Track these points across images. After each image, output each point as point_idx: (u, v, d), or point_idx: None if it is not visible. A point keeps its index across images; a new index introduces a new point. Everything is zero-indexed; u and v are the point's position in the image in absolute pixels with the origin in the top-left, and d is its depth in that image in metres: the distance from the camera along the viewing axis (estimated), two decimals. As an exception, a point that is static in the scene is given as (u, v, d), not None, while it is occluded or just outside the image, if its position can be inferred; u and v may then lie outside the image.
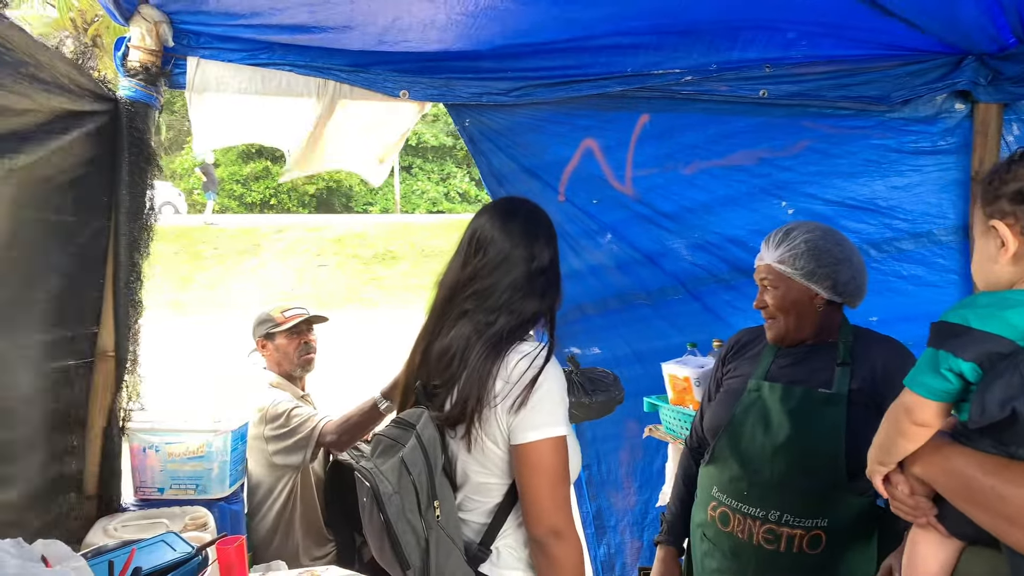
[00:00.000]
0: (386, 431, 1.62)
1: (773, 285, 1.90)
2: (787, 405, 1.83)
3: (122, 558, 1.75)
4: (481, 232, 1.63)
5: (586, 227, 2.82)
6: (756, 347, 2.03)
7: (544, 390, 1.52)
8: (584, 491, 3.31)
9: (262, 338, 2.88)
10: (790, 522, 1.78)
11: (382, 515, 1.46)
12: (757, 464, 1.84)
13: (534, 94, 2.53)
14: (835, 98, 2.63)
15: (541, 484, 1.50)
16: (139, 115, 2.25)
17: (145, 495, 2.42)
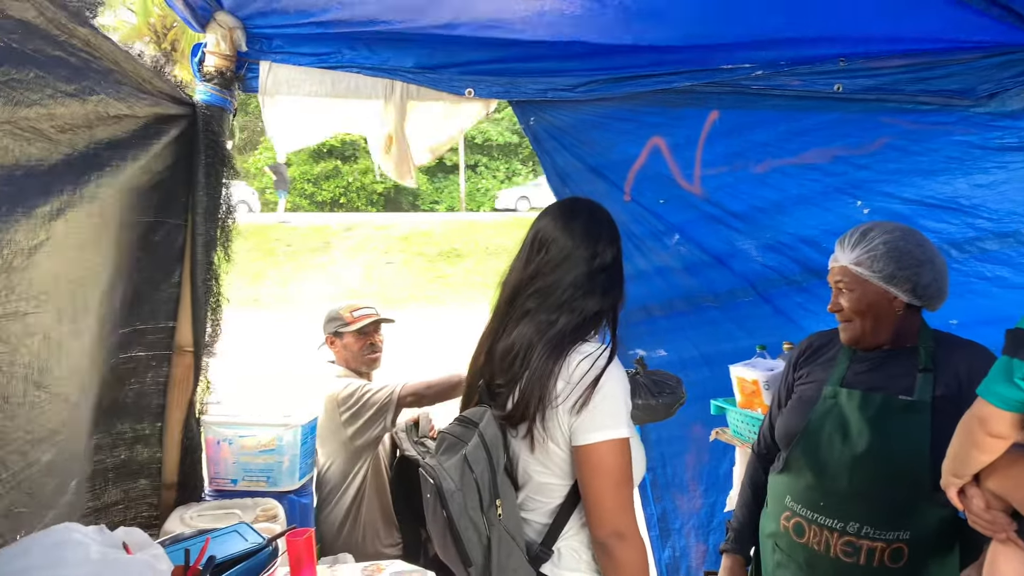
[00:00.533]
0: (450, 429, 1.63)
1: (849, 288, 1.83)
2: (866, 413, 1.77)
3: (197, 546, 1.81)
4: (544, 232, 1.64)
5: (653, 228, 2.78)
6: (829, 352, 1.96)
7: (606, 391, 1.51)
8: (649, 493, 3.28)
9: (331, 335, 2.96)
10: (870, 534, 1.71)
11: (445, 512, 1.47)
12: (835, 473, 1.77)
13: (600, 90, 2.50)
14: (915, 92, 2.52)
15: (604, 486, 1.50)
16: (215, 118, 2.33)
17: (219, 486, 2.50)
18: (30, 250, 1.48)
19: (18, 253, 1.44)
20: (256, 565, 1.90)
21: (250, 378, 7.87)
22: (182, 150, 2.27)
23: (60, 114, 1.55)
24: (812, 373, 1.96)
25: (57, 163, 1.59)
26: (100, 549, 1.15)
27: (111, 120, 1.81)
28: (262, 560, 1.92)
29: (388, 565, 2.14)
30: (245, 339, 10.01)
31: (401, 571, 2.10)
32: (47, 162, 1.55)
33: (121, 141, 1.89)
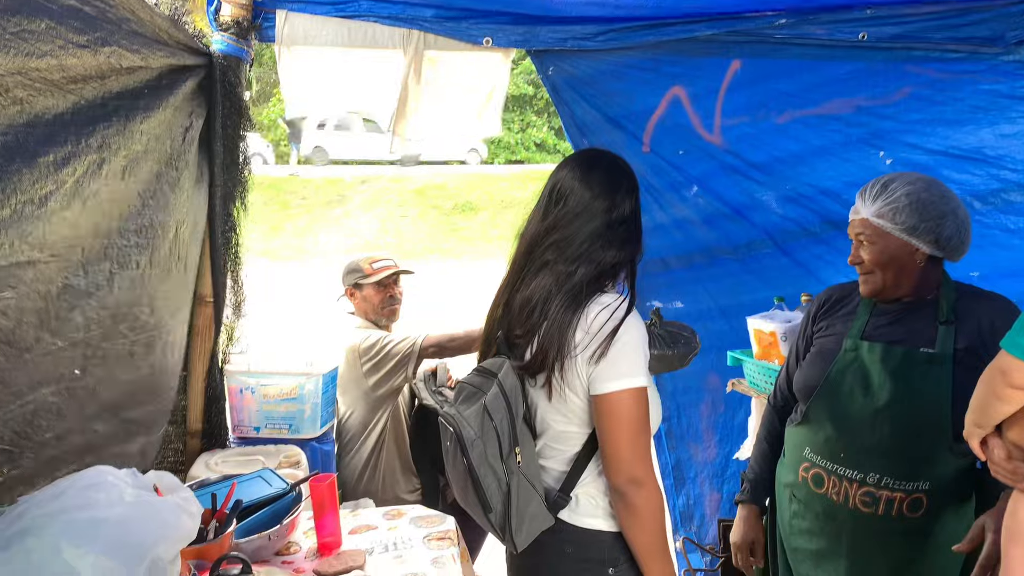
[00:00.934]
0: (468, 379, 1.65)
1: (870, 240, 1.80)
2: (888, 365, 1.76)
3: (224, 491, 1.87)
4: (562, 183, 1.63)
5: (671, 179, 2.76)
6: (849, 304, 1.95)
7: (624, 341, 1.52)
8: (664, 443, 3.31)
9: (351, 287, 2.98)
10: (890, 485, 1.73)
11: (465, 459, 1.50)
12: (856, 426, 1.78)
13: (620, 39, 2.46)
14: (942, 40, 2.46)
15: (621, 434, 1.51)
16: (231, 69, 2.31)
17: (242, 433, 2.56)
18: (40, 200, 1.51)
19: (27, 203, 1.47)
20: (281, 509, 1.96)
21: (270, 328, 7.96)
22: (200, 101, 2.27)
23: (71, 65, 1.55)
24: (832, 326, 1.95)
25: (65, 112, 1.60)
26: (133, 491, 1.19)
27: (124, 72, 1.81)
28: (286, 504, 1.98)
29: (409, 510, 2.20)
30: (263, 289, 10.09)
31: (421, 515, 2.15)
32: (53, 111, 1.56)
33: (134, 92, 1.89)
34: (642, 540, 1.55)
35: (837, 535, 1.82)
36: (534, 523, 1.56)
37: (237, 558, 1.56)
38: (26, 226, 1.49)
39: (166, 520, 1.17)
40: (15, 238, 1.46)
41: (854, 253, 1.85)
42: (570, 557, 1.61)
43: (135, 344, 2.07)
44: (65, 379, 1.83)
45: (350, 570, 1.79)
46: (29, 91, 1.45)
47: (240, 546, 1.74)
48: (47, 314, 1.68)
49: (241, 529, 1.82)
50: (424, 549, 1.95)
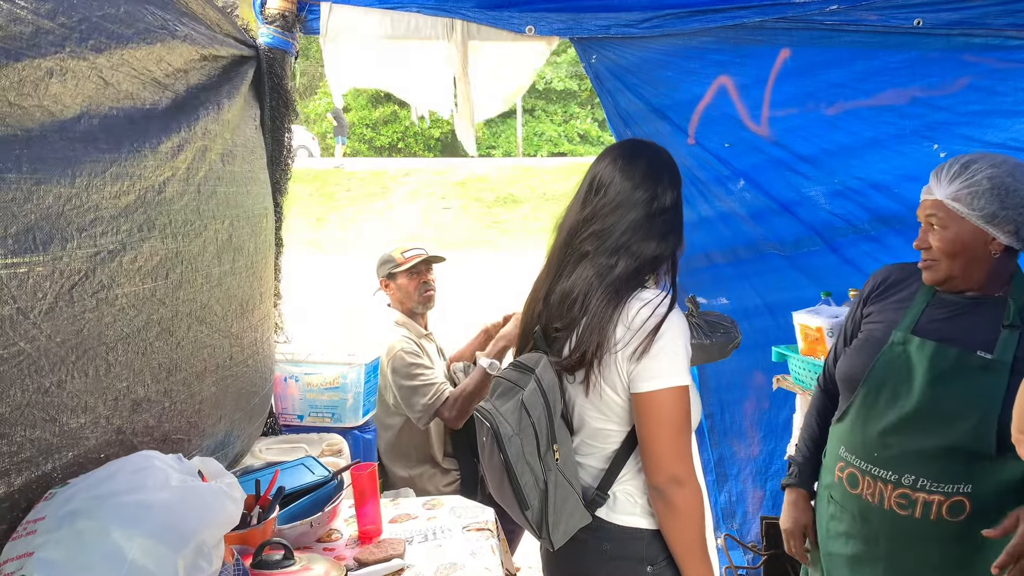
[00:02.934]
0: (505, 374, 1.64)
1: (942, 224, 1.64)
2: (937, 367, 1.64)
3: (267, 477, 1.89)
4: (602, 174, 1.60)
5: (717, 172, 2.71)
6: (905, 290, 1.81)
7: (667, 339, 1.49)
8: (706, 439, 3.27)
9: (385, 278, 3.02)
10: (927, 487, 1.63)
11: (502, 455, 1.49)
12: (893, 426, 1.68)
13: (665, 25, 2.41)
14: (1002, 26, 2.35)
15: (662, 433, 1.49)
16: (277, 61, 2.34)
17: (286, 421, 2.59)
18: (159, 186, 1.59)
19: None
20: (322, 496, 1.98)
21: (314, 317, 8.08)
22: (254, 93, 2.31)
23: (160, 54, 1.60)
24: (883, 312, 1.82)
25: (172, 100, 1.67)
26: (179, 476, 1.21)
27: (203, 60, 1.86)
28: (328, 492, 2.00)
29: (448, 500, 2.20)
30: (308, 280, 10.24)
31: (461, 506, 2.15)
32: (160, 105, 1.62)
33: (217, 80, 1.95)
34: (682, 539, 1.53)
35: (873, 538, 1.73)
36: (571, 521, 1.54)
37: (279, 544, 1.58)
38: (151, 212, 1.56)
39: (210, 505, 1.19)
40: (143, 223, 1.53)
41: (922, 237, 1.71)
42: (608, 554, 1.59)
43: (256, 330, 2.17)
44: (221, 368, 1.93)
45: (390, 558, 1.80)
46: (135, 82, 1.51)
47: (283, 532, 1.76)
48: (195, 303, 1.78)
49: (284, 516, 1.84)
50: (463, 539, 1.95)
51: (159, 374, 1.64)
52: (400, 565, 1.78)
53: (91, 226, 1.35)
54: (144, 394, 1.58)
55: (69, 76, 1.28)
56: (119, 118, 1.44)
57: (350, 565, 1.78)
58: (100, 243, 1.38)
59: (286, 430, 2.57)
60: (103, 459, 1.40)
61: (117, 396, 1.48)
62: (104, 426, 1.43)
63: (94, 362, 1.39)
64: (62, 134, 1.27)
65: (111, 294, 1.42)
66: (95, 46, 1.35)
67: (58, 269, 1.26)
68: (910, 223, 2.69)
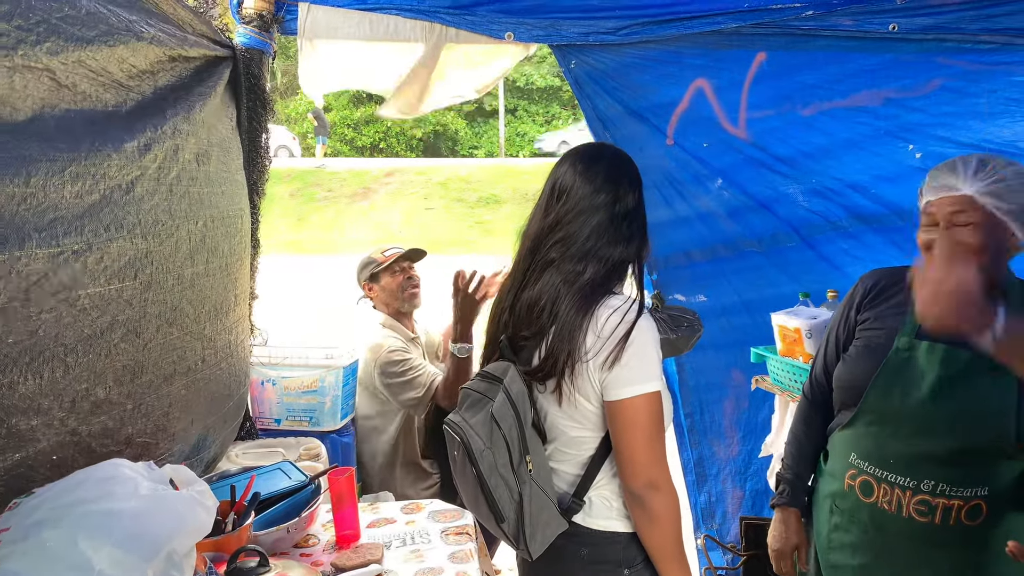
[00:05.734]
0: (473, 385, 1.63)
1: (972, 222, 1.58)
2: (949, 370, 1.62)
3: (243, 483, 1.88)
4: (563, 179, 1.59)
5: (695, 172, 2.72)
6: (899, 294, 1.78)
7: (637, 345, 1.49)
8: (686, 439, 3.29)
9: (367, 281, 2.97)
10: (946, 492, 1.61)
11: (475, 470, 1.48)
12: (910, 430, 1.65)
13: (643, 32, 2.42)
14: (976, 31, 2.38)
15: (636, 440, 1.49)
16: (254, 62, 2.32)
17: (263, 425, 2.58)
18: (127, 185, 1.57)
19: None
20: (299, 502, 1.97)
21: (294, 320, 8.03)
22: (231, 92, 2.29)
23: (124, 54, 1.58)
24: (881, 318, 1.80)
25: (135, 102, 1.65)
26: (149, 484, 1.20)
27: (172, 61, 1.84)
28: (305, 497, 1.99)
29: (427, 504, 2.20)
30: (288, 281, 10.18)
31: (440, 510, 2.15)
32: (124, 107, 1.60)
33: (189, 80, 1.92)
34: (659, 544, 1.53)
35: (886, 548, 1.71)
36: (548, 530, 1.54)
37: (254, 551, 1.57)
38: (118, 211, 1.53)
39: (181, 514, 1.18)
40: (110, 223, 1.51)
41: (952, 239, 1.62)
42: (585, 559, 1.59)
43: (230, 333, 2.15)
44: (192, 371, 1.92)
45: (368, 564, 1.79)
46: (93, 84, 1.49)
47: (258, 538, 1.74)
48: (165, 304, 1.75)
49: (260, 521, 1.83)
50: (442, 543, 1.95)
51: (123, 376, 1.61)
52: (378, 570, 1.77)
53: (51, 226, 1.32)
54: (105, 396, 1.55)
55: (19, 77, 1.26)
56: (76, 119, 1.42)
57: (327, 571, 1.77)
58: (63, 243, 1.36)
59: (263, 434, 2.55)
60: (55, 461, 1.39)
61: (75, 398, 1.45)
62: (58, 428, 1.41)
63: (50, 363, 1.37)
64: (14, 135, 1.25)
65: (73, 295, 1.40)
66: (51, 49, 1.32)
67: (15, 269, 1.24)
68: (887, 222, 2.74)
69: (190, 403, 1.93)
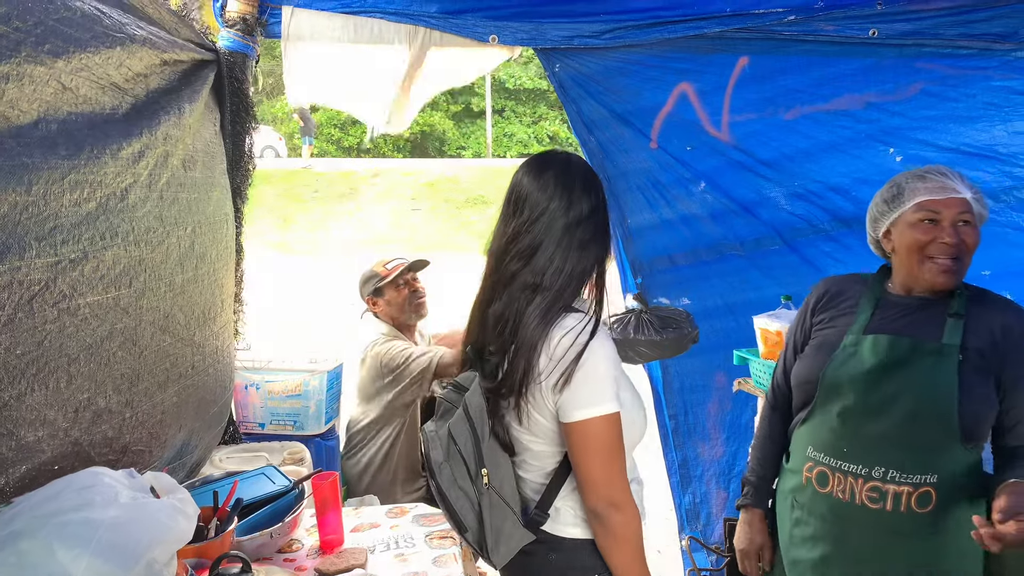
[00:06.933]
0: (446, 395, 1.66)
1: (973, 224, 1.70)
2: (893, 356, 1.70)
3: (226, 488, 1.87)
4: (518, 190, 1.58)
5: (679, 175, 2.73)
6: (850, 299, 1.87)
7: (588, 368, 1.45)
8: (670, 440, 3.30)
9: (371, 295, 2.93)
10: (896, 478, 1.67)
11: (435, 483, 1.54)
12: (859, 418, 1.72)
13: (627, 36, 2.44)
14: (954, 36, 2.42)
15: (593, 461, 1.47)
16: (238, 65, 2.32)
17: (247, 429, 2.57)
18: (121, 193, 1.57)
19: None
20: (283, 507, 1.96)
21: (281, 322, 7.99)
22: (215, 96, 2.28)
23: (120, 58, 1.57)
24: (835, 318, 1.88)
25: (132, 106, 1.65)
26: (129, 493, 1.19)
27: (163, 65, 1.84)
28: (288, 502, 1.98)
29: (412, 508, 2.19)
30: (275, 283, 10.14)
31: (424, 514, 2.15)
32: (120, 110, 1.60)
33: (177, 85, 1.92)
34: (621, 562, 1.52)
35: (843, 537, 1.75)
36: (511, 542, 1.54)
37: (237, 557, 1.56)
38: (113, 219, 1.53)
39: (161, 522, 1.17)
40: (105, 230, 1.51)
41: (959, 239, 1.69)
42: (554, 564, 1.59)
43: (217, 338, 2.15)
44: (183, 378, 1.92)
45: (352, 568, 1.79)
46: (93, 87, 1.48)
47: (241, 544, 1.74)
48: (158, 311, 1.76)
49: (243, 527, 1.82)
50: (426, 548, 1.95)
51: (121, 385, 1.61)
52: (362, 575, 1.77)
53: (51, 235, 1.32)
54: (105, 405, 1.56)
55: (26, 81, 1.25)
56: (78, 123, 1.42)
57: (310, 576, 1.77)
58: (61, 252, 1.35)
59: (247, 438, 2.55)
60: (57, 471, 1.37)
61: (78, 408, 1.45)
62: (62, 439, 1.41)
63: (55, 374, 1.37)
64: (19, 140, 1.24)
65: (73, 304, 1.40)
66: (52, 50, 1.32)
67: (16, 280, 1.23)
68: (867, 225, 2.76)
69: (180, 409, 1.93)
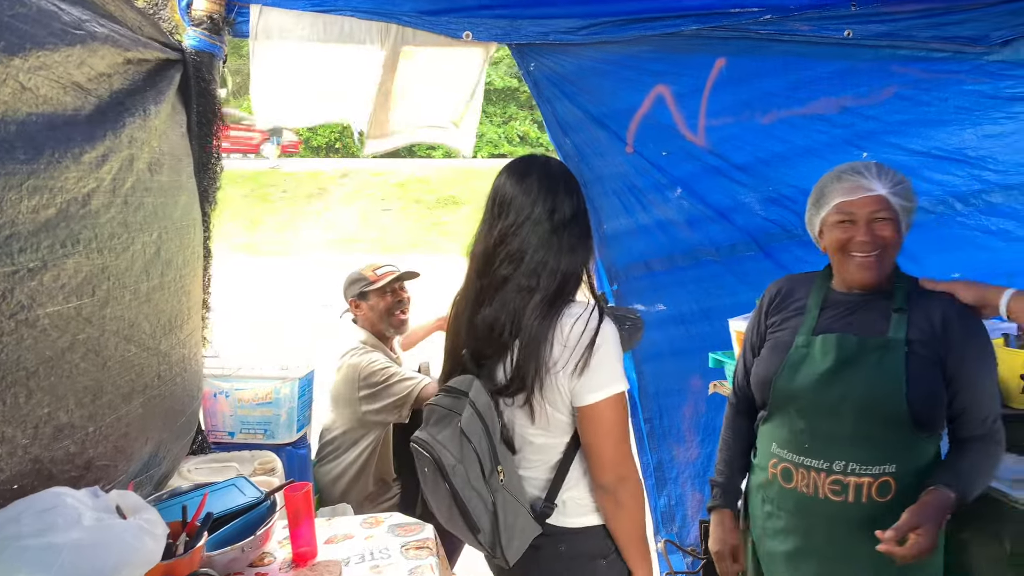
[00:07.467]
0: (439, 400, 1.64)
1: (890, 219, 1.72)
2: (841, 353, 1.74)
3: (195, 501, 1.81)
4: (501, 194, 1.63)
5: (655, 180, 2.72)
6: (800, 300, 1.92)
7: (603, 350, 1.54)
8: (646, 443, 3.29)
9: (355, 298, 2.88)
10: (856, 471, 1.71)
11: (448, 485, 1.52)
12: (816, 415, 1.76)
13: (603, 33, 2.43)
14: (927, 39, 2.45)
15: (608, 439, 1.55)
16: (205, 65, 2.26)
17: (217, 439, 2.50)
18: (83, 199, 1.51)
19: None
20: (254, 519, 1.90)
21: (250, 325, 7.88)
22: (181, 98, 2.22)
23: (81, 56, 1.52)
24: (786, 320, 1.92)
25: (95, 108, 1.59)
26: (92, 514, 1.14)
27: (128, 64, 1.78)
28: (260, 514, 1.93)
29: (387, 517, 2.15)
30: (243, 285, 9.99)
31: (400, 523, 2.10)
32: (83, 112, 1.54)
33: (142, 85, 1.86)
34: (627, 528, 1.62)
35: (810, 531, 1.79)
36: (524, 536, 1.58)
37: (207, 574, 1.51)
38: (74, 226, 1.48)
39: (128, 544, 1.12)
40: (66, 238, 1.45)
41: (876, 234, 1.72)
42: (564, 554, 1.64)
43: (184, 346, 2.10)
44: (149, 388, 1.86)
45: (326, 582, 1.74)
46: (54, 86, 1.43)
47: (212, 560, 1.68)
48: (123, 321, 1.70)
49: (213, 541, 1.76)
50: (402, 559, 1.90)
51: (84, 398, 1.56)
52: (336, 589, 1.73)
53: (7, 243, 1.27)
54: (67, 420, 1.50)
55: None
56: (38, 125, 1.36)
57: (283, 591, 1.72)
58: (18, 261, 1.30)
59: (216, 448, 2.48)
60: (17, 491, 1.32)
61: (37, 424, 1.39)
62: (21, 456, 1.34)
63: (12, 388, 1.31)
64: None
65: (32, 315, 1.34)
66: (7, 48, 1.26)
67: None
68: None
69: (146, 421, 1.87)
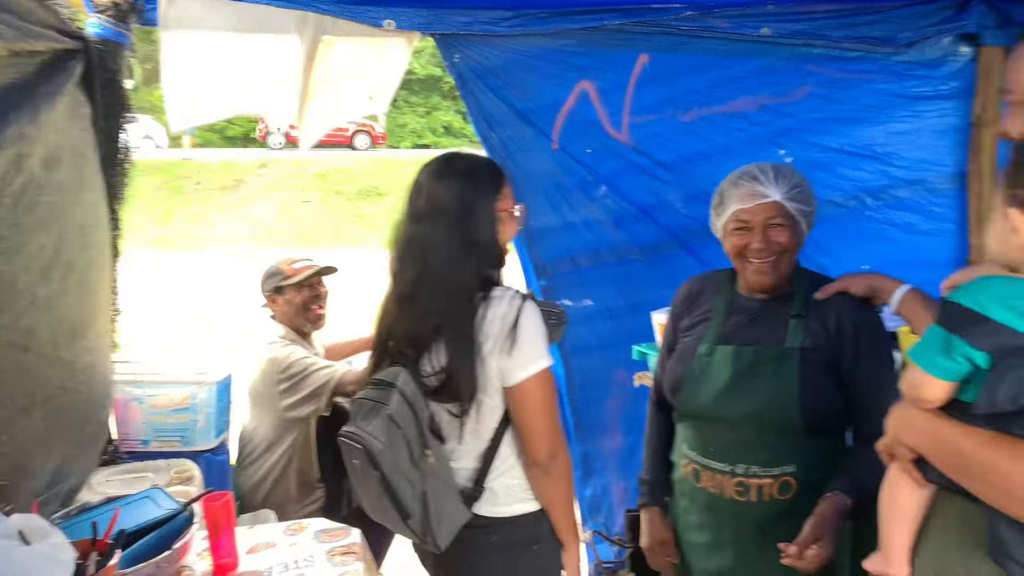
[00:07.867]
0: (366, 394, 1.66)
1: (786, 224, 1.75)
2: (739, 365, 1.80)
3: (107, 517, 1.71)
4: (422, 189, 1.67)
5: (581, 178, 2.73)
6: (707, 302, 1.96)
7: (527, 328, 1.60)
8: (572, 435, 3.31)
9: (271, 292, 2.82)
10: (757, 473, 1.77)
11: (377, 471, 1.53)
12: (718, 423, 1.82)
13: (527, 25, 2.42)
14: (839, 38, 2.54)
15: (538, 415, 1.62)
16: (110, 55, 2.13)
17: (129, 448, 2.39)
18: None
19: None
20: (171, 533, 1.82)
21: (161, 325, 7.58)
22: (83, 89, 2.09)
23: None
24: (693, 325, 1.97)
25: None
26: (-8, 541, 1.06)
27: (8, 59, 1.66)
28: (177, 527, 1.84)
29: (311, 523, 2.10)
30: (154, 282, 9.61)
31: (324, 529, 2.06)
32: None
33: (34, 78, 1.75)
34: (557, 499, 1.70)
35: (722, 526, 1.85)
36: (454, 520, 1.62)
37: (120, 594, 1.43)
38: None
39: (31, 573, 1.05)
40: None
41: (771, 240, 1.76)
42: (496, 545, 1.69)
43: (90, 353, 1.99)
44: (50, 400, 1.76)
45: (248, 594, 1.69)
46: None
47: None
48: (17, 329, 1.61)
49: (127, 557, 1.67)
50: (328, 565, 1.86)
51: (-26, 415, 1.45)
52: (259, 602, 1.68)
53: None
54: (-42, 438, 1.39)
55: None
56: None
57: (203, 606, 1.66)
58: None
59: (128, 457, 2.36)
60: None
61: None
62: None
63: None
64: None
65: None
66: None
67: None
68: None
69: (48, 436, 1.77)
